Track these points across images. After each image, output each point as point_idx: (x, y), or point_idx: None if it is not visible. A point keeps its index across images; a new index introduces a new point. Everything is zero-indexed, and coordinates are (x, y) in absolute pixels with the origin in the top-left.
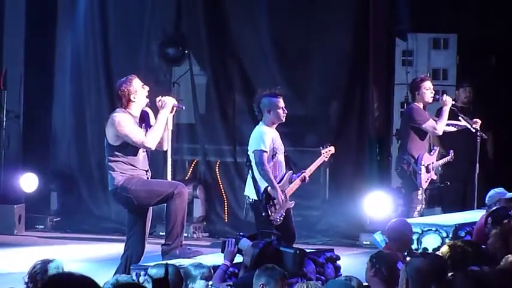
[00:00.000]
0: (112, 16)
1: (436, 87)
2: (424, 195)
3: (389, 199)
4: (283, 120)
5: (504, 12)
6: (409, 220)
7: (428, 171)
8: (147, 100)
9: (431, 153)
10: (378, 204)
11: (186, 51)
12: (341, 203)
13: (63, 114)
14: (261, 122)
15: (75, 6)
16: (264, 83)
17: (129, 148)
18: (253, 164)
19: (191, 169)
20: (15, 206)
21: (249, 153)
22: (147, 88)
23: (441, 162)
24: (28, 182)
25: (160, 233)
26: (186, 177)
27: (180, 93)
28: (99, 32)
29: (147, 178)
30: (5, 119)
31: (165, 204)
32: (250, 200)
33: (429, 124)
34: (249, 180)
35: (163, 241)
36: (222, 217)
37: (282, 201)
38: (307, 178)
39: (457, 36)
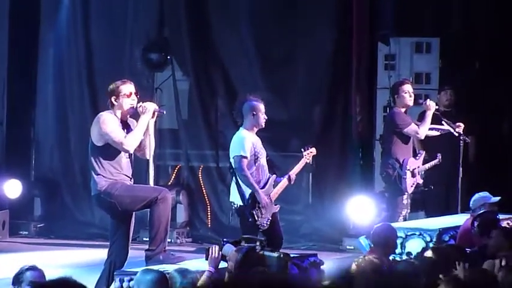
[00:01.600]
0: (95, 22)
1: (418, 91)
2: (409, 200)
3: (373, 203)
4: (263, 125)
5: (487, 16)
6: (393, 224)
7: (413, 175)
8: (131, 107)
9: (417, 157)
10: (361, 209)
11: (169, 57)
12: (324, 207)
13: (46, 120)
14: (241, 127)
15: (58, 12)
16: (246, 88)
17: (112, 150)
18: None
19: (174, 174)
20: None
21: (230, 159)
22: (133, 98)
23: (427, 166)
24: (11, 188)
25: (144, 239)
26: (169, 183)
27: (163, 98)
28: (82, 37)
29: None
30: None
31: (149, 210)
32: (236, 206)
33: (411, 128)
34: (233, 186)
35: (146, 246)
36: (205, 222)
37: (267, 204)
38: (293, 177)
39: (440, 40)
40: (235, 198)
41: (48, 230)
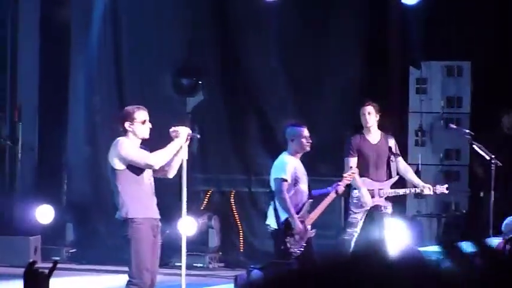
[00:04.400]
0: (125, 46)
1: (450, 115)
2: (357, 220)
3: (404, 225)
4: (308, 149)
5: None
6: (425, 248)
7: (372, 196)
8: (145, 135)
9: (385, 180)
10: (393, 232)
11: (200, 82)
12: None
13: (77, 145)
14: (285, 151)
15: (88, 37)
16: (276, 112)
17: (133, 173)
18: None
19: (206, 199)
20: (30, 238)
21: (270, 182)
22: (148, 124)
23: (401, 191)
24: (44, 213)
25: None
26: (201, 208)
27: (194, 123)
28: (113, 62)
29: (157, 226)
30: (20, 151)
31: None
32: (271, 229)
33: (346, 160)
34: (271, 209)
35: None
36: (238, 247)
37: (301, 231)
38: (342, 189)
39: (471, 64)
40: (271, 222)
41: (80, 256)
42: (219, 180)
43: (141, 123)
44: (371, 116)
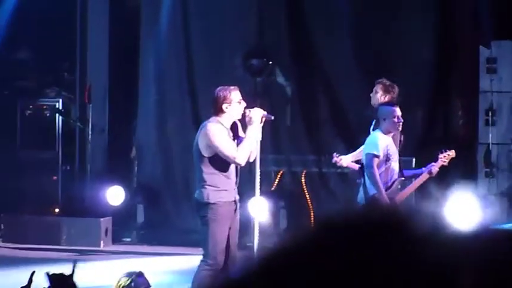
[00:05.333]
0: (195, 28)
1: None
2: None
3: (475, 204)
4: (399, 129)
5: None
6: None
7: None
8: (240, 116)
9: None
10: (462, 210)
11: (270, 63)
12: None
13: (147, 127)
14: (377, 129)
15: (158, 20)
16: (347, 93)
17: (221, 160)
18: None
19: (277, 180)
20: (101, 219)
21: (362, 157)
22: (243, 104)
23: None
24: (115, 195)
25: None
26: (272, 188)
27: (265, 104)
28: (182, 44)
29: (235, 209)
30: (90, 133)
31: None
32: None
33: None
34: (361, 187)
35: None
36: (308, 227)
37: None
38: (436, 170)
39: None
40: (362, 200)
41: (151, 237)
42: (290, 160)
43: (237, 103)
44: (376, 95)
